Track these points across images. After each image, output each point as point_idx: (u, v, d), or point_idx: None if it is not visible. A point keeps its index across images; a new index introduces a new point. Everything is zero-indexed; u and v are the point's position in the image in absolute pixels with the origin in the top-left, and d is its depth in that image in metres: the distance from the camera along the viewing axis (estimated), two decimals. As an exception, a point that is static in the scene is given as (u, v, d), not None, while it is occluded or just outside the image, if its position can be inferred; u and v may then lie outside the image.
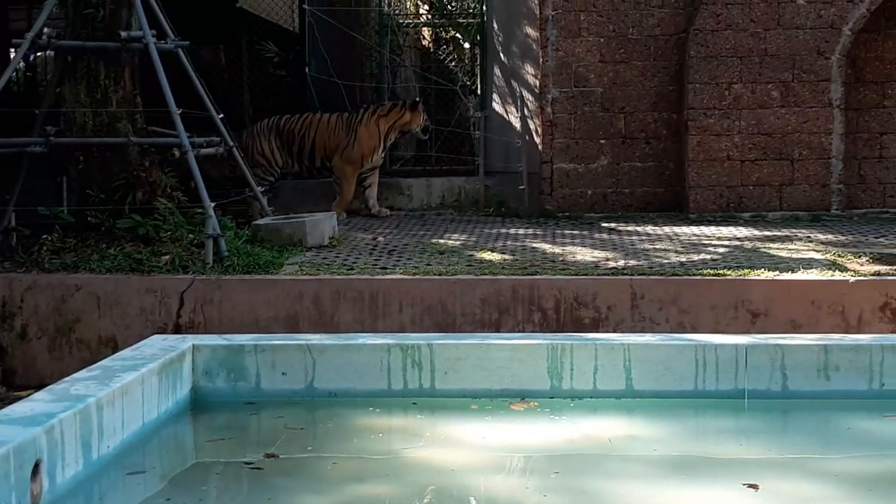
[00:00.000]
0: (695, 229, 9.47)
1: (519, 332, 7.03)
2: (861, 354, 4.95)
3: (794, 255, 7.94)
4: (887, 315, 6.96)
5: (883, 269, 7.41)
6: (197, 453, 4.82)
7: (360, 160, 10.32)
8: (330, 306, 7.25)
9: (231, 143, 9.02)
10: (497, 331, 7.05)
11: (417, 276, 7.36)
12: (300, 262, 7.84)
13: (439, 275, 7.39)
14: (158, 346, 4.95)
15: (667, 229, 9.49)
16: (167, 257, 7.71)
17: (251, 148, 10.45)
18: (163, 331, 7.12)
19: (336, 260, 7.97)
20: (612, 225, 9.84)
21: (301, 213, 9.48)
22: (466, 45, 13.33)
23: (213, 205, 7.92)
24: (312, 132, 10.42)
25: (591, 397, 4.98)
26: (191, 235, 8.06)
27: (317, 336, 5.42)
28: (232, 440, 4.75)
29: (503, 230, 9.57)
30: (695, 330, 6.93)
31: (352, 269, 7.66)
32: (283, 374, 4.99)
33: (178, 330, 7.22)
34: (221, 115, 8.99)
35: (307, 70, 11.02)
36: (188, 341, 5.07)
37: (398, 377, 4.98)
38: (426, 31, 13.99)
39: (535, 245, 8.65)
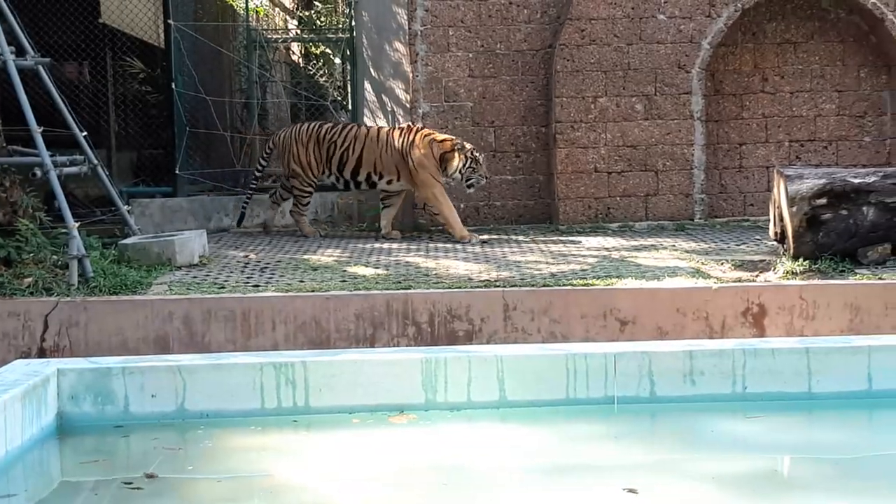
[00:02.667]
0: (565, 240, 9.64)
1: (394, 346, 7.03)
2: (724, 359, 5.10)
3: (660, 264, 8.15)
4: (749, 320, 7.20)
5: (744, 275, 7.66)
6: (69, 475, 4.69)
7: (435, 177, 9.79)
8: (201, 326, 7.13)
9: (95, 161, 8.81)
10: (372, 346, 7.05)
11: (290, 294, 7.30)
12: (169, 282, 7.70)
13: (312, 291, 7.35)
14: (21, 371, 4.80)
15: (538, 241, 9.63)
16: (30, 279, 7.47)
17: (286, 154, 10.18)
18: (26, 355, 6.91)
19: (207, 279, 7.85)
20: (485, 237, 9.94)
21: (170, 231, 9.32)
22: (337, 61, 13.34)
23: (77, 224, 7.71)
24: (359, 146, 10.01)
25: (466, 409, 5.02)
26: (54, 256, 7.84)
27: (187, 357, 5.33)
28: (106, 461, 4.65)
29: (377, 245, 9.58)
30: (566, 339, 7.05)
31: (223, 287, 7.56)
32: (153, 396, 4.89)
33: (42, 354, 7.00)
34: (85, 133, 8.77)
35: (173, 86, 10.85)
36: (52, 365, 4.92)
37: (272, 396, 4.93)
38: (296, 47, 13.93)
39: (408, 259, 8.68)
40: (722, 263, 8.05)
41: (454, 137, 10.07)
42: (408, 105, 10.97)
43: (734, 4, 10.44)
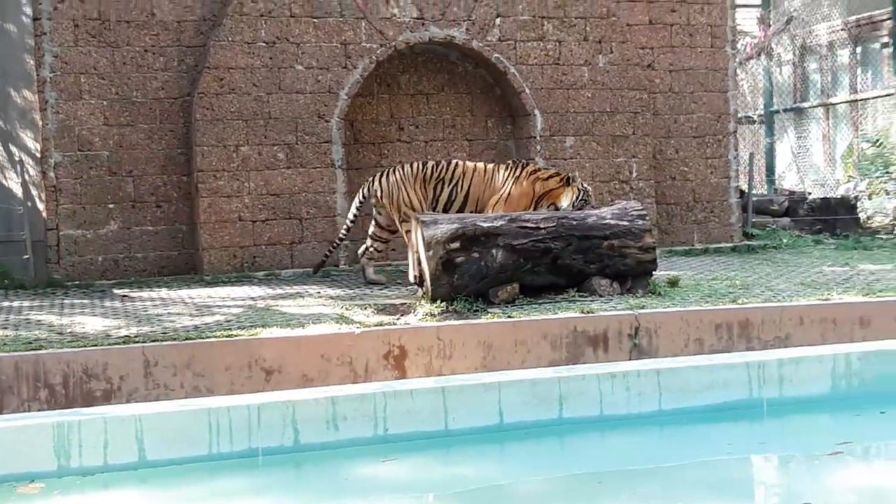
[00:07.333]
0: (210, 291, 9.49)
1: (24, 411, 6.60)
2: (366, 403, 5.20)
3: (305, 311, 8.20)
4: (391, 362, 7.38)
5: (386, 319, 7.86)
6: None
7: None
8: None
9: None
10: None
11: None
12: None
13: (-70, 357, 6.76)
14: None
15: (181, 293, 9.42)
16: None
17: (396, 200, 9.34)
18: None
19: None
20: (125, 291, 9.60)
21: None
22: (-42, 107, 12.46)
23: None
24: (467, 183, 9.38)
25: (103, 472, 4.80)
26: None
27: None
28: None
29: (5, 303, 8.99)
30: (211, 393, 6.90)
31: None
32: None
33: None
34: None
35: None
36: None
37: None
38: None
39: (40, 317, 8.21)
40: (365, 308, 8.22)
41: (560, 171, 9.81)
42: (38, 155, 10.43)
43: (369, 56, 10.79)
